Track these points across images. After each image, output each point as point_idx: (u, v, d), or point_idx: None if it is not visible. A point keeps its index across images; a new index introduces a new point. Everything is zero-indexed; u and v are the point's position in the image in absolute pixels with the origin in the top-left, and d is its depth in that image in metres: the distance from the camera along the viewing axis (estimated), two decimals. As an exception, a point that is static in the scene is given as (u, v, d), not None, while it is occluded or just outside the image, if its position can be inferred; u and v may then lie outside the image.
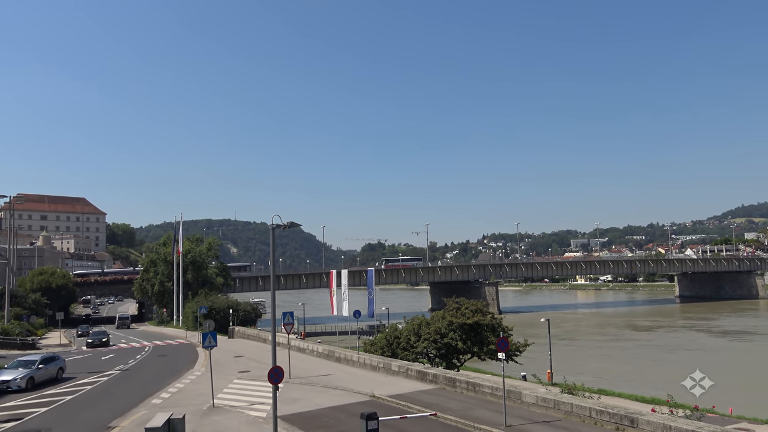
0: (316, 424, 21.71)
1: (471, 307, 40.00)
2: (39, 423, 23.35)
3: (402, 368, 31.34)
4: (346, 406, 24.68)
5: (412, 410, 23.02)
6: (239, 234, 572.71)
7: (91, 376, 35.89)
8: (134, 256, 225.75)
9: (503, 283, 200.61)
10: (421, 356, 39.12)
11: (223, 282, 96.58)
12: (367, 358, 35.25)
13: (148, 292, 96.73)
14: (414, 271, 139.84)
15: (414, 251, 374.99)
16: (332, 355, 39.48)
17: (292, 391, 28.17)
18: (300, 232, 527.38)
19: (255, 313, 74.28)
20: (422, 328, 39.01)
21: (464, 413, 22.26)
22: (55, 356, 36.59)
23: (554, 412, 21.46)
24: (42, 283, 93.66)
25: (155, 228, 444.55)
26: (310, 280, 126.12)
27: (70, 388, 31.39)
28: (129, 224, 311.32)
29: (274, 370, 17.91)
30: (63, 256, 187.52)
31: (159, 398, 27.76)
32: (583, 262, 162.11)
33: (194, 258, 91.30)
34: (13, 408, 26.45)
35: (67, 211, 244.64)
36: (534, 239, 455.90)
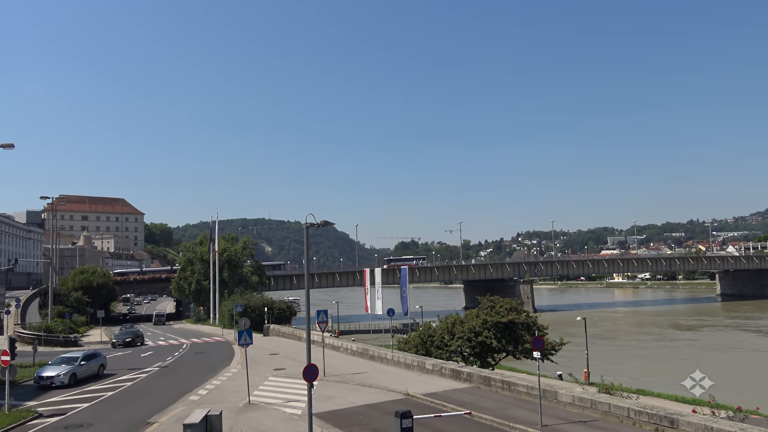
0: (350, 422, 21.77)
1: (505, 305, 39.65)
2: (81, 418, 23.95)
3: (436, 367, 31.23)
4: (380, 404, 24.70)
5: (446, 409, 22.92)
6: (273, 233, 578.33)
7: (131, 372, 36.63)
8: (172, 255, 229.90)
9: (538, 282, 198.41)
10: (455, 355, 38.93)
11: (258, 280, 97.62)
12: (401, 357, 35.21)
13: (186, 291, 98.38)
14: (448, 269, 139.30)
15: (447, 249, 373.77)
16: (366, 353, 39.56)
17: (327, 388, 28.31)
18: (333, 230, 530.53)
19: (290, 312, 74.84)
20: (456, 327, 38.82)
21: (499, 412, 22.07)
22: (96, 353, 37.49)
23: (591, 412, 21.13)
24: (83, 281, 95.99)
25: (192, 227, 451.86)
26: (343, 278, 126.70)
27: (110, 385, 32.10)
28: (166, 224, 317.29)
29: (308, 368, 18.00)
30: (103, 255, 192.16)
31: (196, 395, 28.20)
32: (621, 260, 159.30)
33: (230, 257, 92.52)
34: (57, 403, 27.18)
35: (107, 211, 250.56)
36: (569, 237, 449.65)
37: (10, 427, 22.29)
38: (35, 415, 24.12)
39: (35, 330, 59.90)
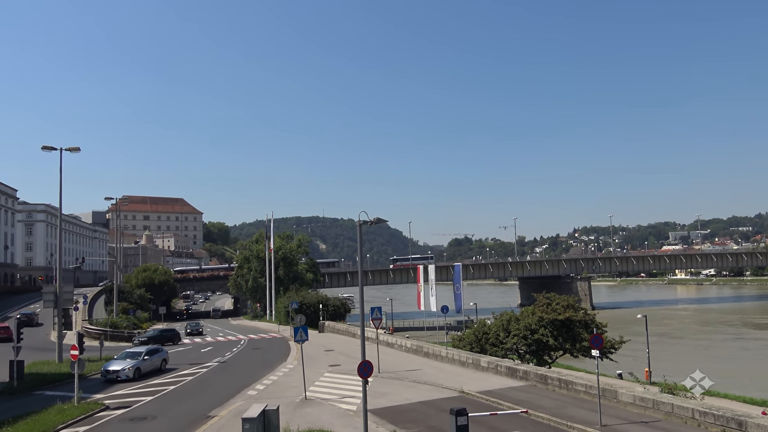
0: (405, 419, 21.76)
1: (562, 302, 38.92)
2: (145, 411, 24.77)
3: (491, 364, 30.91)
4: (435, 401, 24.61)
5: (502, 407, 22.65)
6: (327, 231, 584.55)
7: (192, 367, 37.66)
8: (229, 253, 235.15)
9: (596, 278, 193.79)
10: (511, 352, 38.45)
11: (312, 278, 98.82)
12: (456, 354, 35.01)
13: (243, 288, 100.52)
14: (502, 265, 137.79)
15: (501, 246, 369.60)
16: (420, 350, 39.50)
17: (381, 385, 28.38)
18: (386, 228, 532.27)
19: (344, 308, 75.50)
20: (511, 324, 38.34)
21: (556, 411, 21.66)
22: (159, 348, 38.74)
23: (653, 413, 20.49)
24: (146, 279, 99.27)
25: (248, 226, 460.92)
26: (397, 275, 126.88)
27: (172, 379, 33.09)
28: (224, 223, 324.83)
29: (363, 365, 18.07)
30: (164, 253, 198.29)
31: (254, 390, 28.75)
32: (683, 256, 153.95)
33: (285, 255, 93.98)
34: (122, 396, 28.20)
35: (167, 211, 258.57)
36: (629, 232, 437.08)
37: (80, 418, 23.27)
38: (102, 408, 25.10)
39: (101, 326, 62.33)
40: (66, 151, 41.89)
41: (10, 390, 30.32)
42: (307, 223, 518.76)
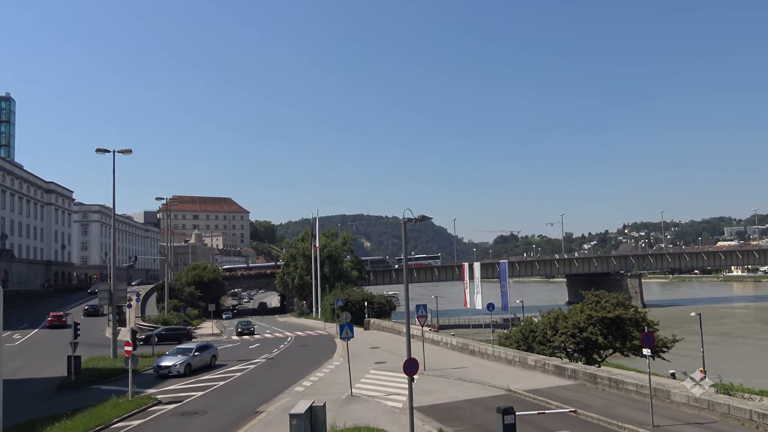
0: (451, 417, 21.66)
1: (612, 300, 38.07)
2: (196, 405, 25.34)
3: (539, 362, 30.50)
4: (481, 399, 24.42)
5: (550, 406, 22.29)
6: (372, 228, 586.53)
7: (240, 363, 38.32)
8: (275, 252, 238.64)
9: (647, 275, 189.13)
10: (559, 351, 37.84)
11: (357, 275, 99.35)
12: (502, 352, 34.68)
13: (289, 285, 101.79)
14: (549, 262, 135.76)
15: (548, 243, 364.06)
16: (466, 347, 39.26)
17: (427, 382, 28.32)
18: (431, 225, 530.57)
19: (389, 306, 75.64)
20: (559, 322, 37.72)
21: (606, 411, 21.21)
22: (208, 345, 39.57)
23: (708, 414, 19.86)
24: (195, 277, 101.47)
25: (293, 224, 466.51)
26: (442, 272, 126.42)
27: (221, 375, 33.74)
28: (270, 221, 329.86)
29: (409, 362, 18.04)
30: (213, 252, 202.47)
31: (301, 386, 29.08)
32: (740, 252, 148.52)
33: (330, 252, 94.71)
34: (174, 391, 28.92)
35: (215, 210, 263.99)
36: (681, 228, 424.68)
37: (134, 412, 23.97)
38: (155, 402, 25.80)
39: (153, 322, 64.04)
40: (119, 153, 43.12)
41: (68, 384, 31.50)
42: (352, 221, 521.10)
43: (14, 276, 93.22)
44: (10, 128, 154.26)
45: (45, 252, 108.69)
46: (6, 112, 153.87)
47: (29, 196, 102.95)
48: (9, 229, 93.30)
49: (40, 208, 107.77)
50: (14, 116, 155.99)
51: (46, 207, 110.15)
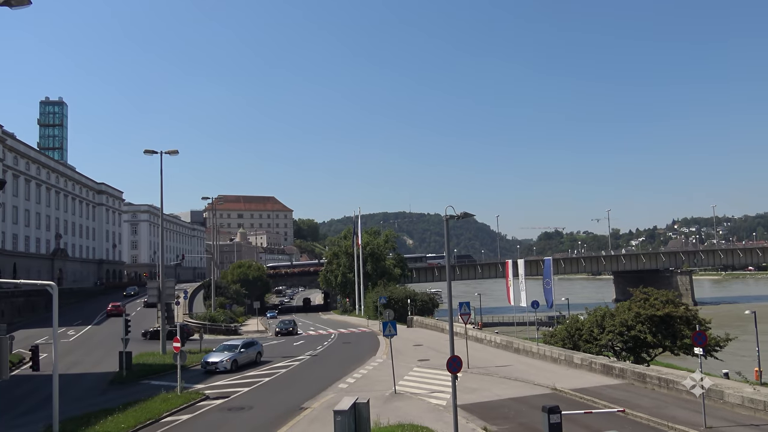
0: (495, 415, 21.48)
1: (661, 297, 37.12)
2: (242, 401, 25.79)
3: (585, 361, 29.97)
4: (526, 397, 24.14)
5: (597, 405, 21.88)
6: (414, 226, 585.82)
7: (285, 360, 38.79)
8: (318, 249, 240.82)
9: (698, 272, 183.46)
10: (606, 349, 37.10)
11: (400, 273, 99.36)
12: (547, 350, 34.22)
13: (332, 283, 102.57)
14: (595, 259, 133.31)
15: (594, 239, 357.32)
16: (510, 345, 38.88)
17: (471, 380, 28.15)
18: (474, 222, 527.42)
19: (432, 303, 75.46)
20: (606, 320, 36.98)
21: (656, 411, 20.70)
22: (254, 341, 40.20)
23: (764, 415, 19.17)
24: (240, 275, 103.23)
25: (336, 222, 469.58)
26: (485, 270, 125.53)
27: (267, 371, 34.23)
28: (313, 219, 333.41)
29: (452, 360, 17.96)
30: (257, 250, 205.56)
31: (345, 383, 29.26)
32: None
33: (373, 250, 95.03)
34: (221, 387, 29.49)
35: (259, 209, 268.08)
36: (734, 223, 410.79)
37: (183, 407, 24.55)
38: (203, 397, 26.37)
39: (200, 319, 65.40)
40: (165, 154, 44.20)
41: (119, 379, 32.48)
42: (394, 219, 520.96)
43: (68, 274, 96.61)
44: (63, 132, 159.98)
45: (97, 251, 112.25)
46: (59, 116, 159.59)
47: (82, 197, 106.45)
48: (63, 229, 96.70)
49: (92, 209, 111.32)
50: (66, 120, 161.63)
51: (97, 207, 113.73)
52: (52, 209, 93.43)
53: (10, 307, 63.23)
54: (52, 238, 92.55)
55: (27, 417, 25.40)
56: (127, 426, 21.26)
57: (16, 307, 65.59)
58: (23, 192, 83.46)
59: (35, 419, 24.10)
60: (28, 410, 26.99)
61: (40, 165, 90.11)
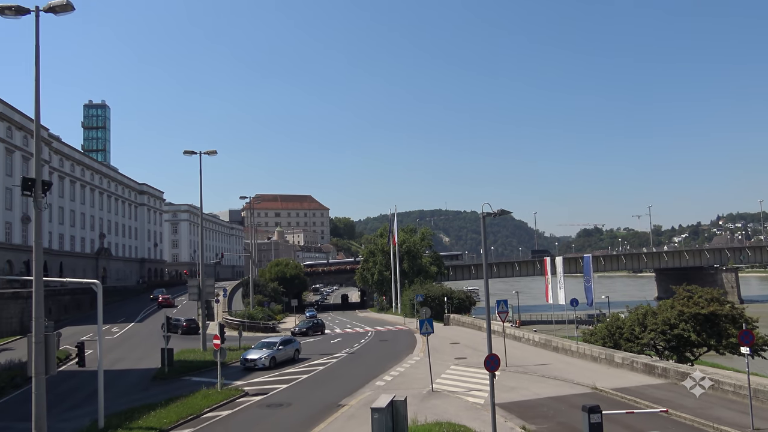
0: (534, 414, 21.24)
1: (705, 295, 36.19)
2: (281, 398, 26.06)
3: (626, 360, 29.41)
4: (565, 396, 23.82)
5: (639, 405, 21.45)
6: (450, 223, 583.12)
7: (322, 357, 39.06)
8: (355, 247, 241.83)
9: (744, 269, 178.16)
10: (648, 348, 36.35)
11: (436, 270, 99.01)
12: (587, 349, 33.70)
13: (369, 281, 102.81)
14: (636, 256, 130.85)
15: (635, 236, 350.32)
16: (549, 344, 38.42)
17: (509, 379, 27.91)
18: (511, 219, 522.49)
19: (469, 301, 75.00)
20: (648, 318, 36.22)
21: (701, 412, 20.18)
22: (292, 339, 40.61)
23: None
24: (278, 273, 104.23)
25: (372, 220, 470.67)
26: (522, 267, 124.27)
27: (305, 368, 34.51)
28: (349, 218, 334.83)
29: (490, 358, 17.82)
30: (294, 248, 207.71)
31: (382, 380, 29.31)
32: None
33: (409, 248, 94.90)
34: (260, 384, 29.85)
35: (296, 208, 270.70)
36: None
37: (223, 403, 24.93)
38: (242, 394, 26.73)
39: (239, 317, 66.26)
40: (204, 154, 44.93)
41: (161, 375, 33.16)
42: (430, 216, 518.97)
43: (112, 273, 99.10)
44: (106, 134, 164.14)
45: (139, 250, 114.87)
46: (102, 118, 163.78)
47: (124, 197, 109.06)
48: (107, 229, 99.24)
49: (134, 209, 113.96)
50: (109, 122, 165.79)
51: (139, 207, 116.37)
52: (96, 209, 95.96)
53: (57, 305, 65.14)
54: (96, 238, 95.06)
55: (74, 411, 26.15)
56: (170, 421, 21.69)
57: (62, 305, 67.55)
58: (68, 193, 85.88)
59: (82, 414, 24.80)
60: (75, 405, 27.79)
61: (84, 167, 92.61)
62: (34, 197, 18.95)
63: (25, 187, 18.96)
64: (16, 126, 70.05)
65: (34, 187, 18.91)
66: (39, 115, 19.74)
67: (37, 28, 19.15)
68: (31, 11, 18.95)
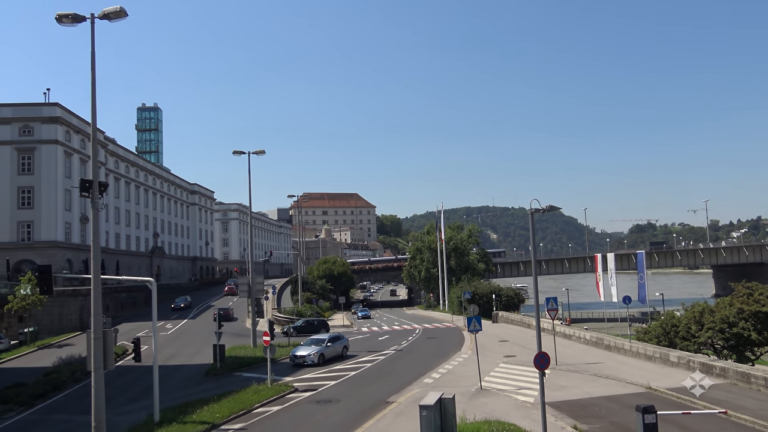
0: (586, 413, 20.85)
1: (767, 292, 34.78)
2: (330, 394, 26.30)
3: (682, 359, 28.54)
4: (618, 396, 23.31)
5: (696, 406, 20.80)
6: (498, 220, 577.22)
7: (370, 354, 39.23)
8: (401, 245, 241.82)
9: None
10: (705, 347, 35.21)
11: (484, 268, 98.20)
12: (641, 347, 32.88)
13: (416, 278, 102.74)
14: (692, 252, 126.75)
15: (691, 231, 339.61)
16: (601, 342, 37.64)
17: (559, 377, 27.48)
18: (560, 215, 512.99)
19: (518, 299, 74.16)
20: (705, 316, 35.06)
21: (762, 413, 19.45)
22: (340, 336, 40.92)
23: None
24: (326, 270, 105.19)
25: (419, 218, 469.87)
26: (573, 264, 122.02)
27: (353, 365, 34.72)
28: (396, 215, 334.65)
29: (540, 356, 17.57)
30: (341, 246, 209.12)
31: (430, 378, 29.26)
32: None
33: (456, 245, 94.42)
34: (309, 380, 30.19)
35: (343, 205, 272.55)
36: None
37: (273, 398, 25.33)
38: (292, 390, 27.10)
39: (288, 314, 67.16)
40: (253, 154, 45.68)
41: (214, 371, 33.96)
42: (477, 213, 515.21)
43: (165, 271, 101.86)
44: (159, 135, 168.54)
45: (191, 248, 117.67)
46: (154, 121, 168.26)
47: (176, 197, 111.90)
48: (160, 228, 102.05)
49: (185, 208, 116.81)
50: (161, 124, 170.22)
51: (191, 207, 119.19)
52: (150, 209, 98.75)
53: (114, 302, 67.36)
54: (150, 237, 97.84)
55: (131, 405, 27.02)
56: (222, 416, 22.17)
57: (119, 302, 69.82)
58: (124, 194, 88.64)
59: (138, 407, 25.60)
60: (132, 399, 28.72)
61: (138, 168, 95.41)
62: (91, 198, 19.61)
63: (83, 189, 19.64)
64: (74, 130, 72.69)
65: (91, 188, 19.56)
66: (95, 119, 20.43)
67: (92, 34, 19.81)
68: (86, 18, 19.60)
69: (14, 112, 68.47)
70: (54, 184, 67.96)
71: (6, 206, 66.68)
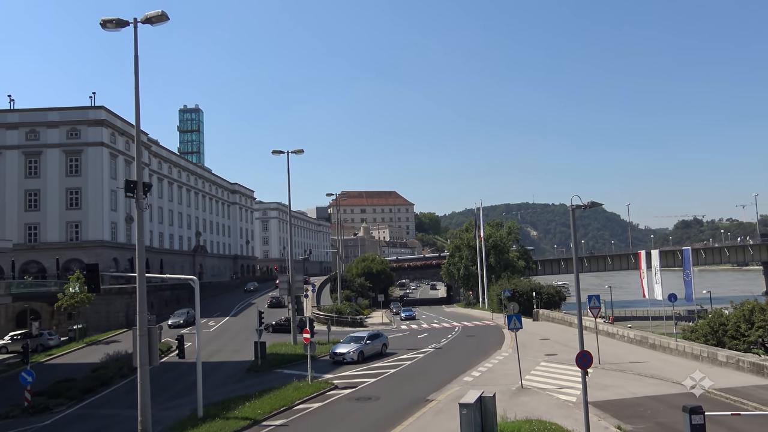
0: (630, 413, 20.42)
1: (820, 290, 33.56)
2: (369, 391, 26.39)
3: (731, 359, 27.71)
4: (663, 396, 22.76)
5: (746, 407, 20.17)
6: (538, 217, 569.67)
7: (409, 352, 39.19)
8: (440, 242, 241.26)
9: None
10: (755, 346, 34.14)
11: (524, 265, 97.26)
12: (687, 346, 32.05)
13: (455, 276, 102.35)
14: (741, 249, 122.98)
15: (739, 227, 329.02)
16: (645, 341, 36.84)
17: (602, 377, 26.98)
18: (602, 211, 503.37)
19: (559, 296, 73.29)
20: (755, 315, 33.99)
21: (818, 416, 18.72)
22: (379, 333, 40.99)
23: None
24: (364, 268, 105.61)
25: (457, 215, 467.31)
26: (615, 261, 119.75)
27: (392, 363, 34.75)
28: (434, 213, 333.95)
29: (582, 355, 17.27)
30: (380, 244, 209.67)
31: (470, 376, 29.08)
32: None
33: (495, 242, 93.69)
34: (348, 377, 30.34)
35: (381, 204, 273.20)
36: None
37: (314, 395, 25.55)
38: (332, 387, 27.27)
39: (328, 312, 67.68)
40: (292, 153, 46.10)
41: (255, 368, 34.47)
42: (517, 210, 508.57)
43: (207, 269, 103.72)
44: (200, 136, 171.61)
45: (232, 247, 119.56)
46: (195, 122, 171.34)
47: (218, 197, 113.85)
48: (202, 227, 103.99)
49: (226, 208, 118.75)
50: (203, 126, 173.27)
51: (231, 206, 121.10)
52: (192, 209, 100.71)
53: (158, 299, 68.91)
54: (193, 236, 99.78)
55: (175, 400, 27.62)
56: (263, 412, 22.47)
57: (163, 299, 71.39)
58: (167, 194, 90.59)
59: (182, 403, 26.15)
60: (176, 394, 29.34)
61: (181, 168, 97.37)
62: (136, 198, 20.09)
63: (128, 189, 20.14)
64: (119, 132, 74.60)
65: (136, 189, 20.04)
66: (139, 121, 20.90)
67: (135, 39, 20.27)
68: (129, 23, 20.08)
69: (62, 115, 70.68)
70: (100, 185, 69.91)
71: (56, 207, 68.95)
